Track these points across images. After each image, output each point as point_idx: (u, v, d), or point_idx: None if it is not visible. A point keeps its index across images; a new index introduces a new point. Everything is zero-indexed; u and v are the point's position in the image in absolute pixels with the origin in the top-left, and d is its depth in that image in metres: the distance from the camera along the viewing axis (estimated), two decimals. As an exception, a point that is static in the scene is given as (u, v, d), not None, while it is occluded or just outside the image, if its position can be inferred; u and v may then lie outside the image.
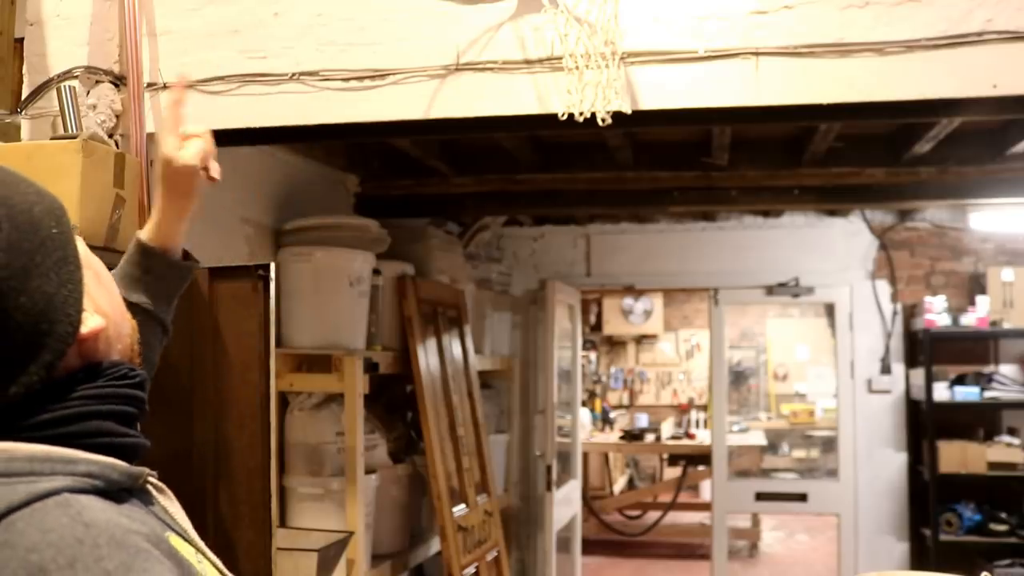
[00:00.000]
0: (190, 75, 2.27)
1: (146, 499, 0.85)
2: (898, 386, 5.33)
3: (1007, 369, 5.21)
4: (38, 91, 2.30)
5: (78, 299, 0.86)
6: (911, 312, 5.31)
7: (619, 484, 9.86)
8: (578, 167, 3.95)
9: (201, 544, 0.88)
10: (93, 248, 1.94)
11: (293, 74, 2.24)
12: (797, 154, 3.72)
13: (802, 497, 5.64)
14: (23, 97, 2.31)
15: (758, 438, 8.53)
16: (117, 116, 2.28)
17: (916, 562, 5.20)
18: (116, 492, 0.80)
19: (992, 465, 4.98)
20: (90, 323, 0.87)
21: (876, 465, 5.33)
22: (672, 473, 9.64)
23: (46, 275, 0.84)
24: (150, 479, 0.87)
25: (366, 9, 2.22)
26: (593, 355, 10.73)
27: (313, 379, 3.12)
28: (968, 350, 5.24)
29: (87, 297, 0.89)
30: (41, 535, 0.70)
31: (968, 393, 5.03)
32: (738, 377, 10.35)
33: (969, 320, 5.03)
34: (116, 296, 0.97)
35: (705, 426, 8.95)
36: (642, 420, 9.94)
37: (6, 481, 0.75)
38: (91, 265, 0.94)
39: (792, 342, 10.40)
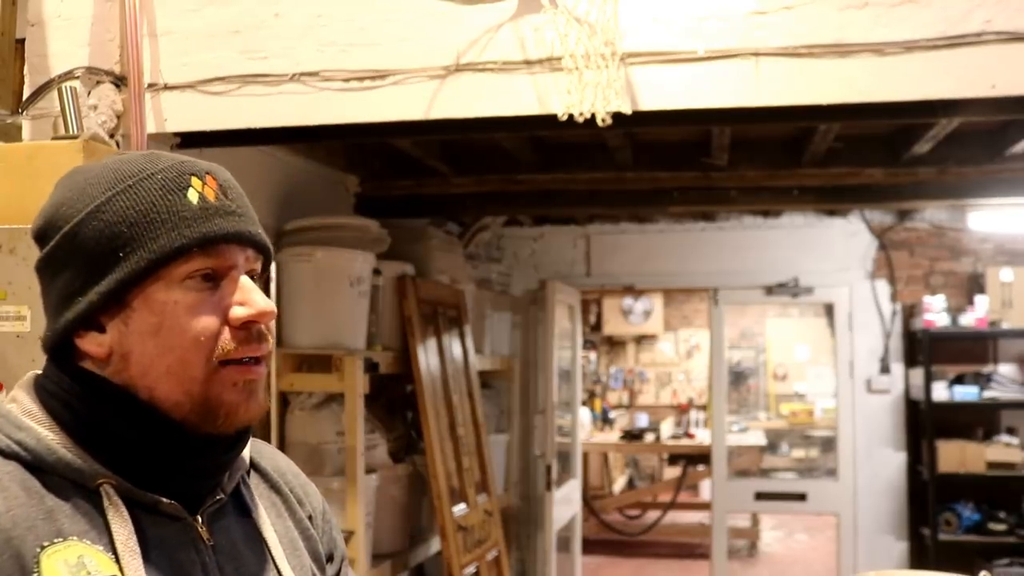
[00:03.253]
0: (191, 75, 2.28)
1: (95, 501, 0.85)
2: (897, 386, 5.33)
3: (1006, 369, 5.22)
4: (39, 92, 2.31)
5: (80, 313, 0.88)
6: (910, 312, 5.31)
7: (619, 484, 9.87)
8: (578, 167, 3.95)
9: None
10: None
11: (293, 75, 2.24)
12: (797, 154, 3.72)
13: (801, 497, 5.65)
14: (24, 98, 2.32)
15: (758, 438, 8.53)
16: (118, 116, 2.29)
17: (915, 561, 5.20)
18: (46, 473, 0.84)
19: (991, 465, 4.99)
20: (88, 344, 0.89)
21: (875, 465, 5.34)
22: (672, 473, 9.64)
23: (70, 278, 0.89)
24: (107, 487, 0.85)
25: (366, 9, 2.23)
26: (593, 355, 10.73)
27: (313, 379, 3.13)
28: (967, 350, 5.24)
29: (121, 322, 0.89)
30: None
31: (967, 393, 5.03)
32: (738, 377, 10.36)
33: (968, 320, 5.04)
34: (191, 346, 0.88)
35: (705, 426, 8.95)
36: (642, 420, 9.95)
37: None
38: (171, 305, 0.87)
39: (792, 342, 10.41)
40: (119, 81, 2.30)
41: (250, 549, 0.95)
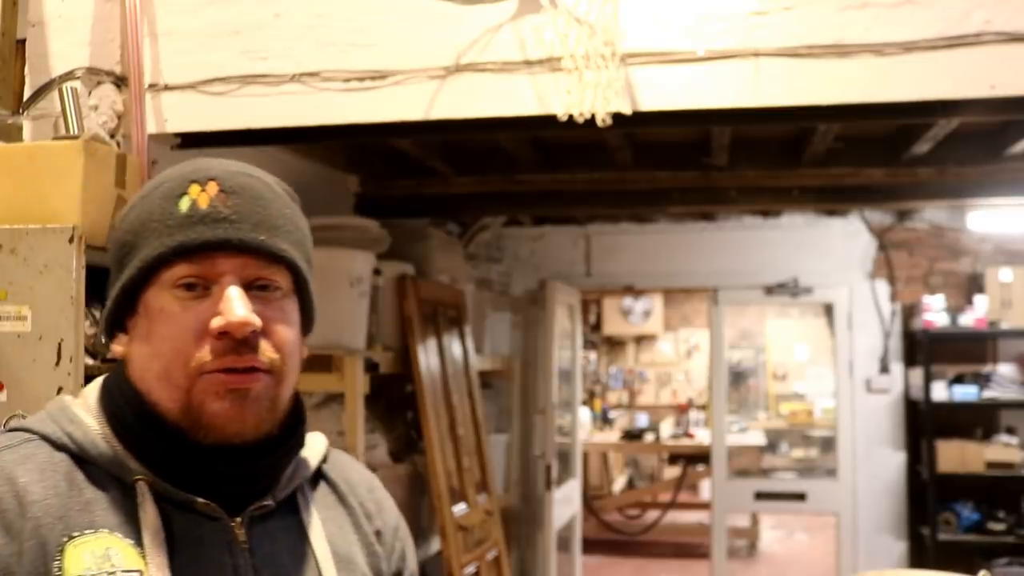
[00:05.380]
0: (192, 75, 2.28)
1: (132, 496, 0.87)
2: (897, 386, 5.34)
3: (1005, 369, 5.22)
4: (40, 92, 2.31)
5: (109, 312, 0.93)
6: (910, 312, 5.31)
7: (619, 484, 9.87)
8: (578, 167, 3.96)
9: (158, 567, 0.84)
10: (95, 248, 1.95)
11: (294, 75, 2.24)
12: (796, 154, 3.73)
13: (801, 496, 5.65)
14: (25, 98, 2.32)
15: (757, 438, 8.54)
16: (119, 117, 2.29)
17: (915, 561, 5.20)
18: (90, 465, 0.87)
19: (990, 464, 4.99)
20: (115, 345, 0.94)
21: (875, 464, 5.34)
22: (671, 473, 9.64)
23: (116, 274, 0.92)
24: (141, 483, 0.87)
25: (366, 10, 2.23)
26: (593, 355, 10.73)
27: (314, 379, 3.13)
28: (966, 350, 5.24)
29: (133, 327, 0.91)
30: None
31: (966, 393, 5.03)
32: (737, 377, 10.35)
33: (967, 320, 5.04)
34: (169, 354, 0.88)
35: (704, 426, 8.95)
36: (642, 420, 9.95)
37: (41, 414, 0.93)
38: (158, 312, 0.88)
39: (791, 342, 10.40)
40: (120, 81, 2.31)
41: (295, 559, 0.93)
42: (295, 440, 0.96)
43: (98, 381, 0.95)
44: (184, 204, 0.88)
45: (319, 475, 1.02)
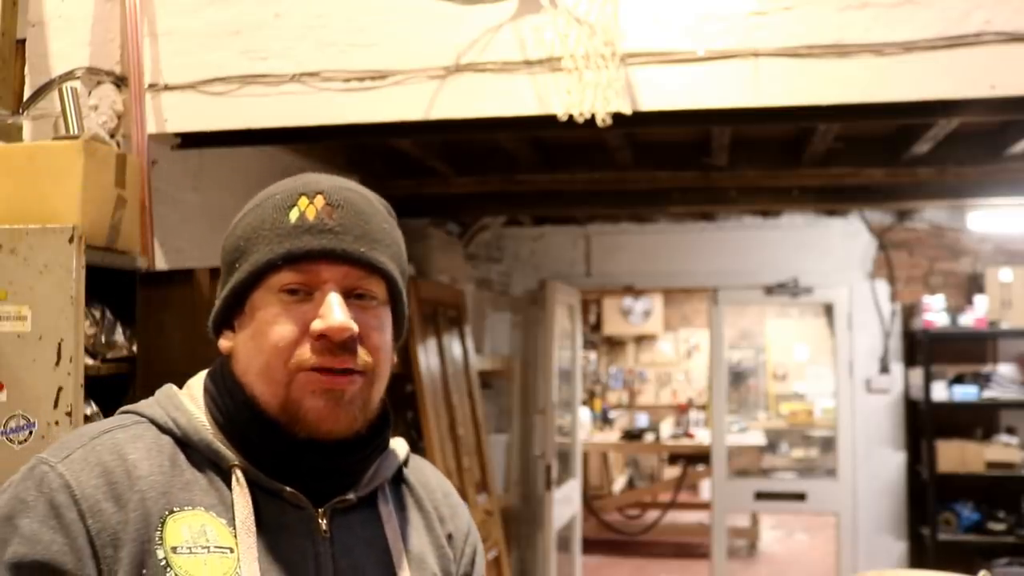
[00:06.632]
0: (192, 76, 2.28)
1: (228, 481, 0.94)
2: (897, 386, 5.34)
3: (1005, 369, 5.22)
4: (40, 92, 2.31)
5: (218, 310, 0.99)
6: (910, 312, 5.31)
7: (619, 484, 9.87)
8: (578, 167, 3.96)
9: (249, 554, 0.90)
10: (95, 248, 1.95)
11: (294, 75, 2.25)
12: (796, 154, 3.73)
13: (801, 496, 5.65)
14: (25, 98, 2.32)
15: (757, 438, 8.54)
16: (119, 116, 2.29)
17: (915, 561, 5.21)
18: (191, 449, 0.95)
19: (990, 464, 4.99)
20: (223, 341, 1.00)
21: (875, 464, 5.34)
22: (671, 473, 9.65)
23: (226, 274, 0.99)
24: (236, 470, 0.94)
25: (366, 10, 2.23)
26: (593, 355, 10.74)
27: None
28: (966, 350, 5.24)
29: (239, 325, 0.97)
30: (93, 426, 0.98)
31: (966, 393, 5.03)
32: (737, 377, 10.35)
33: (967, 320, 5.04)
34: (271, 352, 0.93)
35: (704, 426, 8.95)
36: (641, 420, 9.95)
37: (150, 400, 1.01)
38: (263, 313, 0.94)
39: (791, 342, 10.40)
40: (119, 81, 2.31)
41: (371, 553, 0.99)
42: (380, 441, 1.02)
43: (203, 373, 1.03)
44: (293, 215, 0.95)
45: (399, 478, 1.08)
